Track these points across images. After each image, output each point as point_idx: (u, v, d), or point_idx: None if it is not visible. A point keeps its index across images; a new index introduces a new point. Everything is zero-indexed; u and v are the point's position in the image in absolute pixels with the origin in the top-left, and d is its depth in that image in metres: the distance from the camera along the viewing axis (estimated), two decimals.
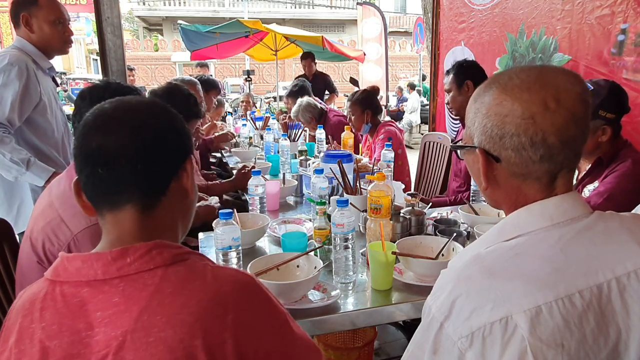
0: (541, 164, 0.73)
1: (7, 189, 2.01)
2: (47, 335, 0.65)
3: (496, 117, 0.74)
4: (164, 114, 0.78)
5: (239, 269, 0.75)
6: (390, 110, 10.27)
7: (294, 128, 3.65)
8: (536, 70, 0.75)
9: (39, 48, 2.02)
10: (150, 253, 0.68)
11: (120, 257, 0.67)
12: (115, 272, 0.66)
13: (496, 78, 0.78)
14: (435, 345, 0.70)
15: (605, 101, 1.59)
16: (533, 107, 0.71)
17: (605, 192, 1.58)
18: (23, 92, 1.88)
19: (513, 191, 0.78)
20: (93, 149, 0.71)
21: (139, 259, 0.68)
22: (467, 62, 2.38)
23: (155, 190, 0.74)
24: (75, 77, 12.94)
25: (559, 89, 0.72)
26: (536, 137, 0.71)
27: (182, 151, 0.78)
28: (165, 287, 0.66)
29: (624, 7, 2.19)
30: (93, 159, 0.71)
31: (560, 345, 0.64)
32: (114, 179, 0.71)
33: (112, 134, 0.71)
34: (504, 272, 0.69)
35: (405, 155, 2.98)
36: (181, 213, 0.81)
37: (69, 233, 1.15)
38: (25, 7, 1.97)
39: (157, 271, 0.67)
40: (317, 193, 1.85)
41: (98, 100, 1.21)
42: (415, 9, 18.63)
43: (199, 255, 0.75)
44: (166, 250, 0.70)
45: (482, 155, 0.77)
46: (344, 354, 1.98)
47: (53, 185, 1.30)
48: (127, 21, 22.40)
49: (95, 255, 0.68)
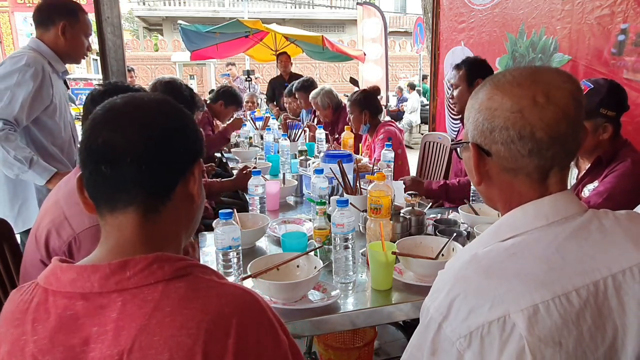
0: (530, 158, 0.74)
1: (10, 187, 2.03)
2: (40, 349, 0.62)
3: (487, 111, 0.76)
4: (176, 113, 0.75)
5: (244, 287, 0.70)
6: (390, 110, 10.27)
7: (294, 128, 3.65)
8: (530, 69, 0.77)
9: (58, 52, 2.06)
10: (151, 267, 0.65)
11: (119, 270, 0.64)
12: (113, 285, 0.63)
13: (492, 76, 0.80)
14: (433, 346, 0.70)
15: (605, 99, 1.59)
16: (522, 101, 0.73)
17: (605, 191, 1.58)
18: (35, 93, 1.92)
19: (506, 188, 0.79)
20: (98, 144, 0.67)
21: (139, 272, 0.64)
22: (480, 61, 2.34)
23: (160, 194, 0.71)
24: (75, 77, 12.92)
25: (549, 86, 0.73)
26: (524, 131, 0.72)
27: (191, 154, 0.74)
28: (165, 305, 0.62)
29: (624, 7, 2.19)
30: (97, 155, 0.68)
31: (558, 343, 0.65)
32: (117, 178, 0.67)
33: (119, 130, 0.68)
34: (501, 272, 0.70)
35: (405, 155, 2.99)
36: (185, 220, 0.77)
37: (71, 231, 1.16)
38: (65, 16, 2.04)
39: (158, 286, 0.64)
40: (317, 193, 1.85)
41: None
42: (415, 9, 18.62)
43: (203, 268, 0.71)
44: (167, 264, 0.66)
45: (474, 149, 0.79)
46: (344, 354, 1.98)
47: (61, 184, 1.32)
48: (127, 21, 22.40)
49: (91, 267, 0.65)
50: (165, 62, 16.59)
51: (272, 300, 1.25)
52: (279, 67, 5.91)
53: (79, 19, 2.08)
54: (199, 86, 16.16)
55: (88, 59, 21.10)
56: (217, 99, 3.86)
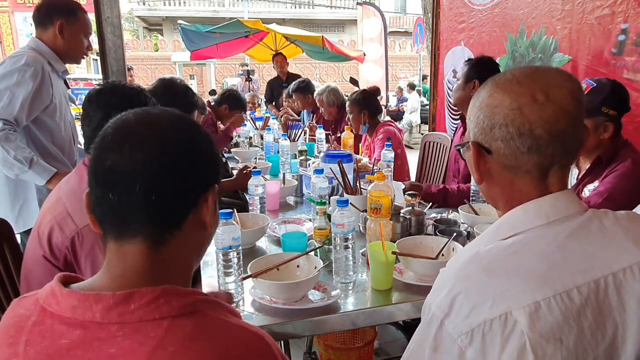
0: (529, 155, 0.74)
1: (11, 187, 2.03)
2: None
3: (487, 108, 0.77)
4: (192, 134, 0.68)
5: (253, 328, 0.65)
6: (390, 110, 10.27)
7: (294, 128, 3.65)
8: (531, 69, 0.79)
9: (57, 52, 2.06)
10: (158, 301, 0.60)
11: (123, 302, 0.59)
12: (115, 317, 0.59)
13: (494, 76, 0.80)
14: (435, 343, 0.71)
15: (608, 97, 1.59)
16: (521, 98, 0.73)
17: (605, 192, 1.58)
18: (35, 93, 1.92)
19: (507, 186, 0.79)
20: (105, 168, 0.63)
21: (144, 306, 0.59)
22: (485, 62, 2.31)
23: (170, 224, 0.65)
24: (75, 77, 12.93)
25: (549, 84, 0.74)
26: (523, 128, 0.73)
27: (205, 179, 0.68)
28: (169, 344, 0.57)
29: (624, 7, 2.19)
30: (104, 180, 0.63)
31: (559, 339, 0.66)
32: (124, 206, 0.63)
33: (127, 153, 0.62)
34: (503, 270, 0.70)
35: (405, 155, 2.99)
36: (196, 248, 0.72)
37: (74, 227, 1.16)
38: (63, 15, 2.04)
39: (163, 322, 0.59)
40: (317, 193, 1.85)
41: (105, 104, 1.22)
42: (415, 9, 18.62)
43: (212, 303, 0.66)
44: (175, 299, 0.61)
45: (474, 147, 0.79)
46: (344, 354, 1.98)
47: (62, 183, 1.32)
48: (127, 21, 22.40)
49: (94, 297, 0.60)
50: (165, 62, 16.60)
51: (272, 300, 1.25)
52: (276, 68, 5.91)
53: (78, 18, 2.07)
54: (199, 86, 16.18)
55: (88, 59, 21.12)
56: (221, 102, 3.87)
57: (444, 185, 2.23)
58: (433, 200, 2.06)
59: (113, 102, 1.21)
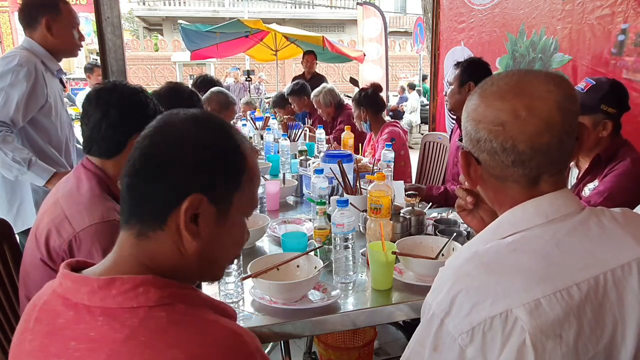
0: (515, 168, 0.75)
1: (8, 188, 2.02)
2: (31, 349, 0.62)
3: (473, 121, 0.77)
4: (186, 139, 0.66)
5: (234, 327, 0.63)
6: (388, 110, 10.27)
7: (294, 128, 3.64)
8: (517, 78, 0.76)
9: (50, 50, 2.04)
10: (137, 289, 0.60)
11: (105, 287, 0.60)
12: (98, 301, 0.60)
13: (482, 83, 0.80)
14: (436, 342, 0.71)
15: (607, 95, 1.59)
16: (503, 115, 0.73)
17: (605, 191, 1.58)
18: (29, 93, 1.91)
19: (500, 191, 0.80)
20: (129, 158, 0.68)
21: (123, 293, 0.60)
22: (476, 63, 2.31)
23: (149, 218, 0.65)
24: (75, 77, 12.92)
25: (533, 97, 0.73)
26: (506, 144, 0.73)
27: (186, 184, 0.64)
28: (140, 334, 0.57)
29: (624, 7, 2.19)
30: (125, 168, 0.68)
31: (559, 335, 0.66)
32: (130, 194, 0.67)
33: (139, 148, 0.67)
34: (503, 268, 0.71)
35: (408, 156, 2.98)
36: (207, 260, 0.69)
37: (71, 230, 1.15)
38: (46, 12, 2.01)
39: (139, 311, 0.59)
40: (317, 193, 1.84)
41: (104, 103, 1.22)
42: (415, 9, 18.61)
43: (193, 298, 0.65)
44: (154, 289, 0.61)
45: (463, 156, 0.81)
46: (344, 354, 1.98)
47: (60, 184, 1.31)
48: (127, 21, 22.39)
49: (84, 279, 0.62)
50: (165, 62, 16.59)
51: (272, 300, 1.25)
52: (304, 65, 5.60)
53: (61, 11, 2.03)
54: None
55: (88, 59, 21.15)
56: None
57: (444, 187, 2.24)
58: (434, 202, 2.07)
59: (112, 101, 1.21)
